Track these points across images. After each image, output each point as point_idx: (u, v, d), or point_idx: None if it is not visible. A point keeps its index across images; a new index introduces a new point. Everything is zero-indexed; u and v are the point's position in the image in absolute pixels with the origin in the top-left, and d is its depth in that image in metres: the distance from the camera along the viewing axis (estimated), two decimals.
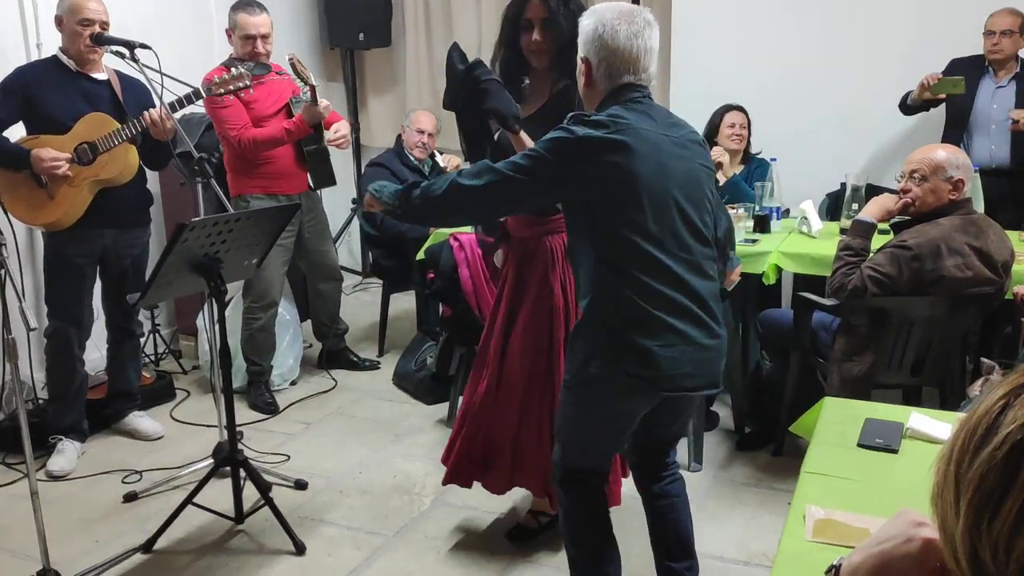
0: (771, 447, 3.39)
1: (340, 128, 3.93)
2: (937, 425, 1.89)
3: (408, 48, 5.54)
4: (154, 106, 3.16)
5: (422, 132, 4.41)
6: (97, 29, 3.18)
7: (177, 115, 3.90)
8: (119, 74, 3.36)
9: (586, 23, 2.05)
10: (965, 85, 3.90)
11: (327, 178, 3.96)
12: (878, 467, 1.78)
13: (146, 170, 3.46)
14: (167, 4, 4.37)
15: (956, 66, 4.07)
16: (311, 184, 3.94)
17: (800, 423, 2.23)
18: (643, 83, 2.04)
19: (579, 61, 2.08)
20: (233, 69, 3.30)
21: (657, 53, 2.06)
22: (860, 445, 1.85)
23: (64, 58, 3.25)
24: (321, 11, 5.23)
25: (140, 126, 3.18)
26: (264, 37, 3.71)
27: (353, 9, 5.13)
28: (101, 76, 3.32)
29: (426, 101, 5.29)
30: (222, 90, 3.24)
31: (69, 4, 3.20)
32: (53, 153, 3.13)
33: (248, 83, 3.25)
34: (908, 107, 4.14)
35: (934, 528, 0.88)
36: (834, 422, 1.98)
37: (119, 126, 3.18)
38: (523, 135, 2.28)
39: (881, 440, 1.85)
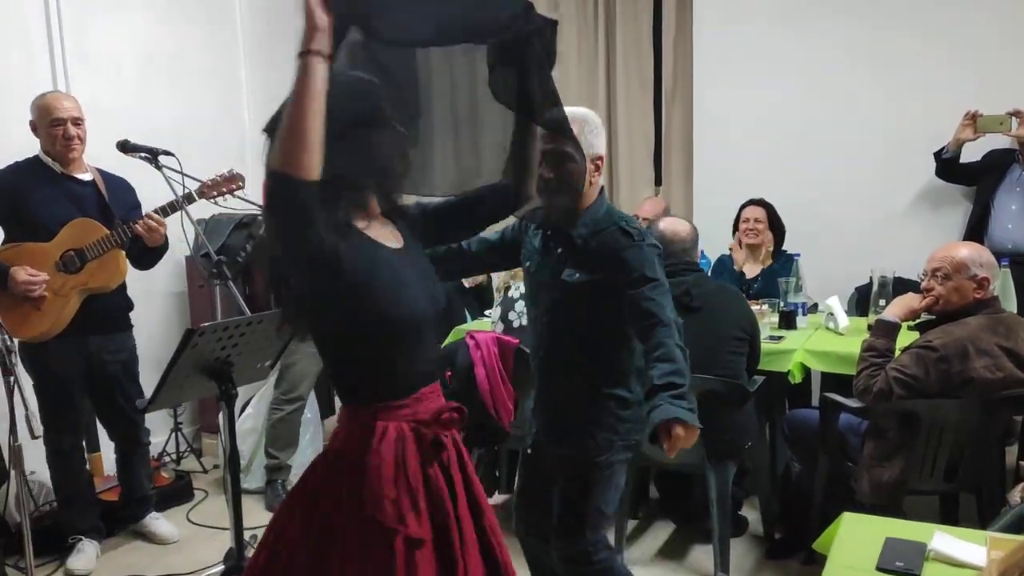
0: (802, 555, 3.23)
1: None
2: (963, 546, 1.77)
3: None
4: (138, 204, 3.08)
5: None
6: (70, 127, 3.11)
7: (207, 215, 3.99)
8: (102, 173, 3.29)
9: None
10: (1010, 125, 3.81)
11: None
12: None
13: (126, 277, 3.31)
14: (199, 104, 4.48)
15: (989, 157, 4.01)
16: None
17: (822, 540, 2.10)
18: None
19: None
20: (227, 171, 3.24)
21: None
22: (879, 569, 1.73)
23: (47, 159, 3.17)
24: None
25: (129, 232, 3.09)
26: None
27: None
28: (86, 177, 3.24)
29: None
30: (215, 192, 3.18)
31: (38, 106, 3.13)
32: (27, 276, 3.02)
33: (242, 184, 3.22)
34: (945, 162, 4.03)
35: None
36: (852, 541, 1.86)
37: (107, 232, 3.10)
38: None
39: (902, 563, 1.73)
